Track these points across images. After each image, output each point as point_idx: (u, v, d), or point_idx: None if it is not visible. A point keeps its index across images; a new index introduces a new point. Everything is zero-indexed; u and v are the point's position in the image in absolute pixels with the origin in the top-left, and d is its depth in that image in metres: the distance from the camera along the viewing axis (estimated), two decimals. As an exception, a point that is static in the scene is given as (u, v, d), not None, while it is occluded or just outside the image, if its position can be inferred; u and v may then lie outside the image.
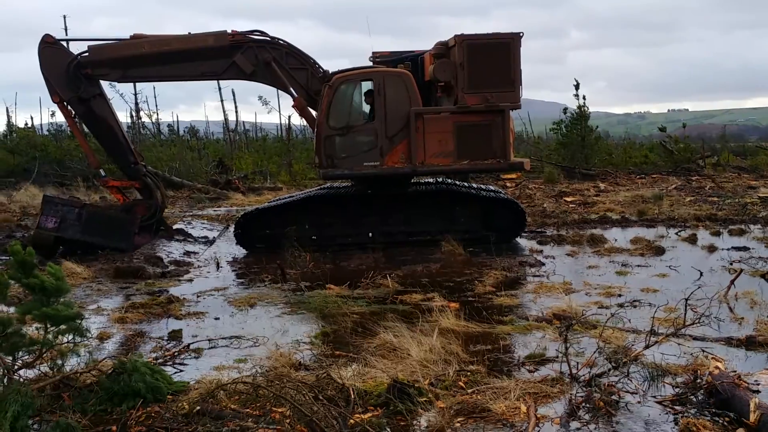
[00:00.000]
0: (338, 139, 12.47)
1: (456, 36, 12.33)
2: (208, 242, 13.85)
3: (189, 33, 13.29)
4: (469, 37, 12.29)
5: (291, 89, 12.87)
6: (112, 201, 21.44)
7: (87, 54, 12.91)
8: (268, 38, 13.01)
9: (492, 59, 12.31)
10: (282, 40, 13.09)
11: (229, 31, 12.94)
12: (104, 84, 13.60)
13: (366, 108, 12.75)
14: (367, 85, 12.60)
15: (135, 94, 32.99)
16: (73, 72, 12.81)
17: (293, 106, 13.02)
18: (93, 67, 12.91)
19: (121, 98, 33.58)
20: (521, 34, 12.40)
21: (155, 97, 53.85)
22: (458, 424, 4.91)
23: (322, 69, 13.06)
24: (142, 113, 34.24)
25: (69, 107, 13.12)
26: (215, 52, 12.87)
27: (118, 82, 13.35)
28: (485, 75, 12.25)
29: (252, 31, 13.01)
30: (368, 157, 12.38)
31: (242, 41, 12.85)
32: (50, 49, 12.97)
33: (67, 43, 13.36)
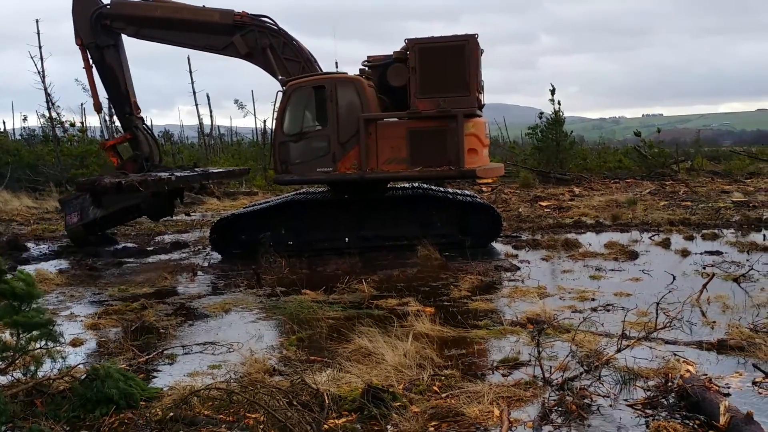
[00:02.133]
0: (292, 146, 12.56)
1: (407, 40, 12.21)
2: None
3: (203, 6, 13.78)
4: (421, 41, 12.14)
5: (279, 77, 13.09)
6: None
7: (109, 6, 13.86)
8: (272, 26, 13.29)
9: (445, 63, 12.08)
10: (285, 32, 13.31)
11: (237, 11, 13.32)
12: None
13: (319, 114, 12.65)
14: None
15: (108, 99, 32.73)
16: (95, 20, 13.85)
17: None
18: (112, 19, 13.89)
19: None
20: (476, 36, 12.14)
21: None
22: (432, 429, 4.93)
23: (320, 69, 13.19)
24: (115, 117, 33.92)
25: (87, 52, 14.14)
26: (219, 28, 13.41)
27: (132, 37, 14.13)
28: (438, 79, 12.06)
29: (260, 16, 13.33)
30: (321, 163, 12.44)
31: (246, 23, 13.23)
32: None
33: None
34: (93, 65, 14.33)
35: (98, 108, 15.20)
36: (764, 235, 13.21)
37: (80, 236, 13.91)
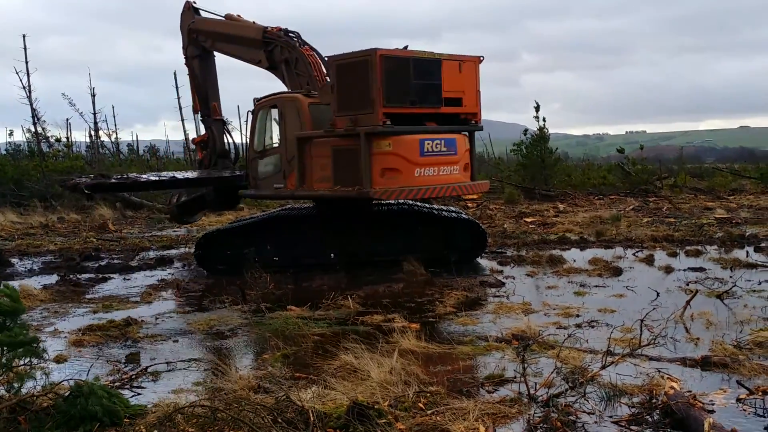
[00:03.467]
0: (259, 162, 13.12)
1: (328, 57, 12.07)
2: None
3: (252, 22, 14.68)
4: (337, 57, 11.82)
5: (287, 89, 13.61)
6: (69, 220, 21.17)
7: (194, 22, 15.40)
8: (291, 40, 13.58)
9: (355, 79, 11.66)
10: (306, 47, 13.47)
11: (270, 27, 13.88)
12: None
13: (276, 132, 13.14)
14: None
15: (94, 114, 32.64)
16: (187, 33, 15.56)
17: None
18: (196, 33, 15.41)
19: (80, 117, 33.20)
20: (376, 51, 11.41)
21: (114, 116, 53.38)
22: (417, 446, 4.92)
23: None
24: (101, 132, 33.85)
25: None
26: (255, 43, 14.10)
27: (210, 49, 15.55)
28: (350, 96, 11.68)
29: (288, 32, 13.73)
30: (276, 179, 12.77)
31: (273, 38, 13.75)
32: (186, 12, 15.66)
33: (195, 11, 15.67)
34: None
35: (195, 110, 16.78)
36: (747, 252, 13.32)
37: (175, 216, 16.67)
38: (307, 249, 12.92)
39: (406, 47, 11.99)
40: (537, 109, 26.29)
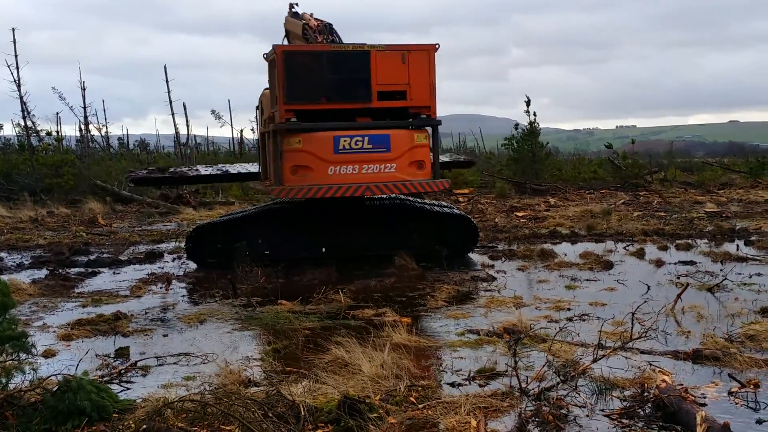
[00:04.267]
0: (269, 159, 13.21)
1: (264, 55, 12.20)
2: None
3: (311, 15, 14.09)
4: (269, 54, 11.96)
5: None
6: (59, 214, 21.07)
7: (285, 22, 14.21)
8: (317, 36, 13.26)
9: (272, 76, 11.82)
10: (332, 39, 13.23)
11: (312, 21, 13.34)
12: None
13: None
14: None
15: (84, 107, 32.47)
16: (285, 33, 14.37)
17: None
18: (286, 32, 14.16)
19: (70, 111, 33.04)
20: (273, 48, 11.53)
21: (104, 111, 53.23)
22: (409, 440, 4.90)
23: None
24: (91, 126, 33.68)
25: None
26: (300, 39, 13.61)
27: None
28: (273, 94, 11.91)
29: (326, 25, 13.37)
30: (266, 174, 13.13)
31: (308, 34, 13.27)
32: (288, 13, 14.17)
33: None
34: None
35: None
36: (737, 245, 13.35)
37: None
38: (298, 243, 12.87)
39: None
40: (528, 103, 26.32)
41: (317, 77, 11.54)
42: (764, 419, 5.18)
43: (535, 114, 26.36)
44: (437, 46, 11.90)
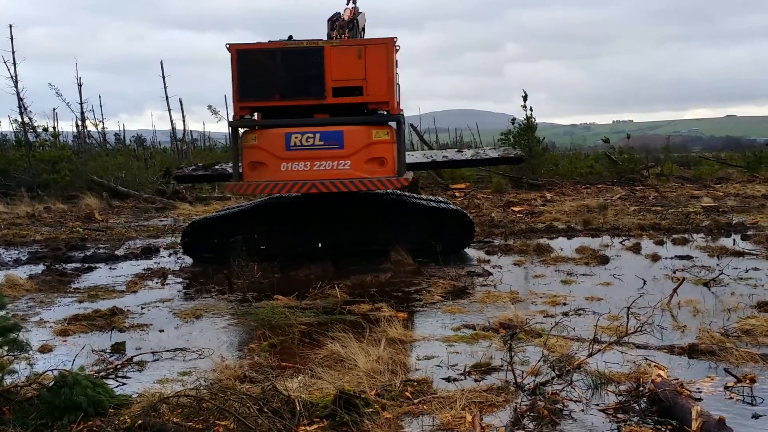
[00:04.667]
0: None
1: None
2: None
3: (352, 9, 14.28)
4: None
5: None
6: (56, 210, 21.03)
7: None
8: (332, 32, 13.51)
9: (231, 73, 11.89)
10: (350, 32, 13.40)
11: (340, 13, 13.54)
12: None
13: None
14: None
15: (81, 104, 32.41)
16: None
17: None
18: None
19: (67, 107, 32.98)
20: (232, 46, 11.64)
21: (101, 106, 53.14)
22: (404, 435, 4.90)
23: None
24: (88, 122, 33.61)
25: None
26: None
27: None
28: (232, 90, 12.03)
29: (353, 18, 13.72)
30: None
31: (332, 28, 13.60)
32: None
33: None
34: None
35: None
36: (734, 240, 13.36)
37: None
38: (294, 238, 12.87)
39: (290, 37, 11.90)
40: (524, 98, 26.31)
41: (270, 74, 11.63)
42: (760, 414, 5.19)
43: (531, 109, 26.37)
44: (395, 40, 11.76)
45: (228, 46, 11.71)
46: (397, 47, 12.13)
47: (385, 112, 11.84)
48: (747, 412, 5.24)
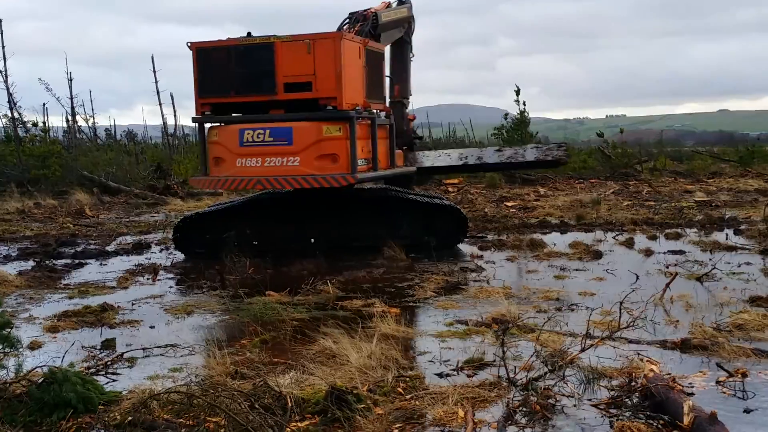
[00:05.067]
0: None
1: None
2: None
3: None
4: None
5: None
6: (46, 206, 20.94)
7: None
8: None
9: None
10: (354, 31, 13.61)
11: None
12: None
13: None
14: None
15: (71, 98, 32.23)
16: None
17: None
18: None
19: (57, 102, 32.80)
20: (188, 44, 11.96)
21: (91, 101, 52.91)
22: (396, 430, 4.88)
23: None
24: (78, 117, 33.42)
25: None
26: None
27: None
28: None
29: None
30: None
31: None
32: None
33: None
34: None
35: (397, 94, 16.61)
36: (727, 235, 13.38)
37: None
38: (287, 234, 12.84)
39: (248, 34, 11.95)
40: (517, 93, 26.33)
41: (226, 71, 11.76)
42: (752, 408, 5.18)
43: (524, 103, 26.36)
44: (342, 35, 11.67)
45: (189, 44, 11.98)
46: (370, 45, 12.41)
47: (332, 108, 11.56)
48: (739, 406, 5.23)
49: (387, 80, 14.08)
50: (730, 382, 5.67)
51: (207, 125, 12.45)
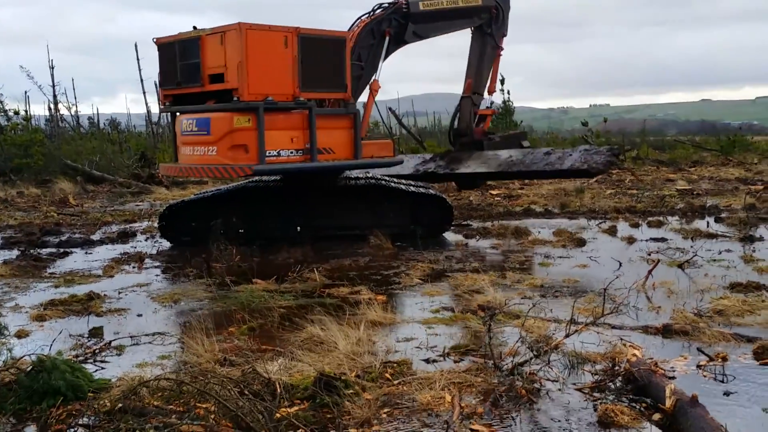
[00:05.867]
0: None
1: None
2: None
3: None
4: None
5: None
6: (29, 195, 20.82)
7: None
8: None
9: None
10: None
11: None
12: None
13: None
14: None
15: (53, 86, 31.99)
16: None
17: None
18: None
19: (39, 90, 32.53)
20: (154, 40, 12.45)
21: (74, 89, 52.52)
22: (384, 415, 4.95)
23: None
24: (60, 105, 33.17)
25: None
26: None
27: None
28: None
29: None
30: None
31: None
32: None
33: None
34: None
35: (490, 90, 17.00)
36: (707, 222, 13.54)
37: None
38: (273, 222, 12.87)
39: (194, 27, 12.06)
40: (502, 82, 26.39)
41: (173, 65, 12.20)
42: (731, 391, 5.29)
43: (509, 92, 26.48)
44: (249, 25, 11.53)
45: (155, 39, 12.51)
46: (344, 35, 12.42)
47: (236, 99, 11.51)
48: (719, 389, 5.34)
49: (361, 68, 13.39)
50: (711, 366, 5.79)
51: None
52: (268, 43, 11.50)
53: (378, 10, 13.74)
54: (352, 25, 13.48)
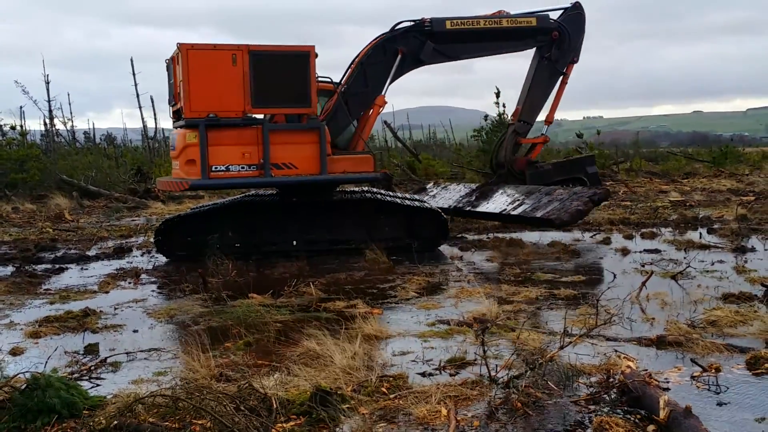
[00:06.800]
0: None
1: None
2: None
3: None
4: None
5: None
6: (25, 210, 20.79)
7: None
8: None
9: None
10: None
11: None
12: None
13: None
14: None
15: (48, 101, 32.01)
16: None
17: None
18: None
19: (34, 105, 32.56)
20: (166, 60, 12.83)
21: (69, 104, 52.54)
22: (380, 430, 4.96)
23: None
24: (56, 120, 33.20)
25: None
26: None
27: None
28: None
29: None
30: None
31: None
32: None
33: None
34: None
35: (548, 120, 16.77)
36: (700, 233, 13.59)
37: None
38: (269, 236, 12.89)
39: (177, 45, 12.21)
40: (497, 95, 26.48)
41: (168, 83, 12.89)
42: (725, 402, 5.32)
43: (504, 105, 26.52)
44: (191, 45, 11.79)
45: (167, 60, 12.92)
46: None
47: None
48: (712, 400, 5.37)
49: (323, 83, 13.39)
50: (704, 377, 5.81)
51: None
52: (212, 62, 11.75)
53: (399, 28, 13.78)
54: (371, 41, 13.62)
